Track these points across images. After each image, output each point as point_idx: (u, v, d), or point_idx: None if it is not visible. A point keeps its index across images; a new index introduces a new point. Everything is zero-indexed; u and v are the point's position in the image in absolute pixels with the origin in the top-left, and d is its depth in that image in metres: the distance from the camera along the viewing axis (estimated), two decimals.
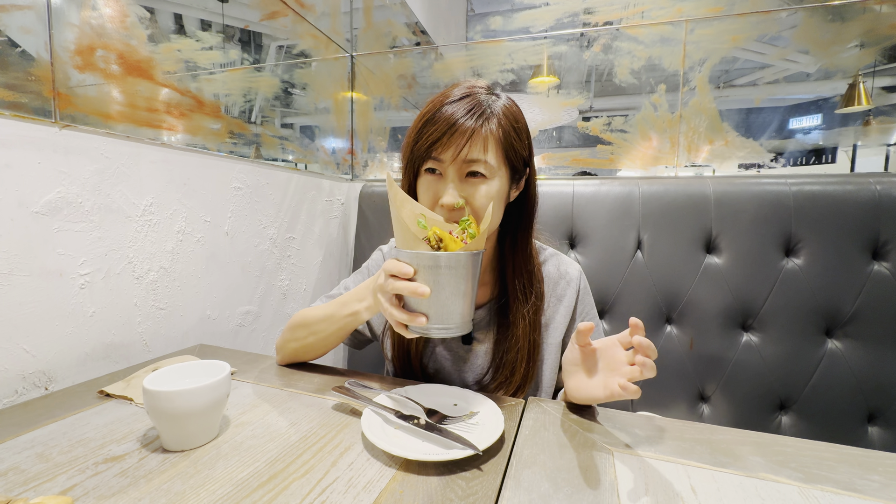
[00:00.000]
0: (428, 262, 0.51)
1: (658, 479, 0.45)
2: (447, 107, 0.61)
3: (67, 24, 0.69)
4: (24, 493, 0.40)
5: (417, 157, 0.63)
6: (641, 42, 1.31)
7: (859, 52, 1.16)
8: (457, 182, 0.61)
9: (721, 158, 1.26)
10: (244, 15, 1.09)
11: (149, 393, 0.46)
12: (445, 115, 0.60)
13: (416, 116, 0.65)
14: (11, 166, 0.61)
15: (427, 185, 0.63)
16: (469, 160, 0.60)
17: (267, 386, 0.67)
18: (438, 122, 0.60)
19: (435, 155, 0.61)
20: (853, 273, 0.92)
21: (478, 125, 0.60)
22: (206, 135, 0.97)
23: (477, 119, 0.60)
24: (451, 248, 0.53)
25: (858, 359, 0.92)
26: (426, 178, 0.64)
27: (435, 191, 0.63)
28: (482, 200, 0.61)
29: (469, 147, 0.59)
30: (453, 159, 0.60)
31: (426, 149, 0.61)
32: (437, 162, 0.62)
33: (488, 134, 0.61)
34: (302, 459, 0.47)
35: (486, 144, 0.60)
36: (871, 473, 0.46)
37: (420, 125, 0.63)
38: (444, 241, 0.54)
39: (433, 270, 0.50)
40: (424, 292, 0.50)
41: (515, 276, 0.70)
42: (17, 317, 0.63)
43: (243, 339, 1.07)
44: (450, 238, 0.54)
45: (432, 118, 0.61)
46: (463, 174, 0.62)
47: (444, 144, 0.60)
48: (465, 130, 0.59)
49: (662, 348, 1.03)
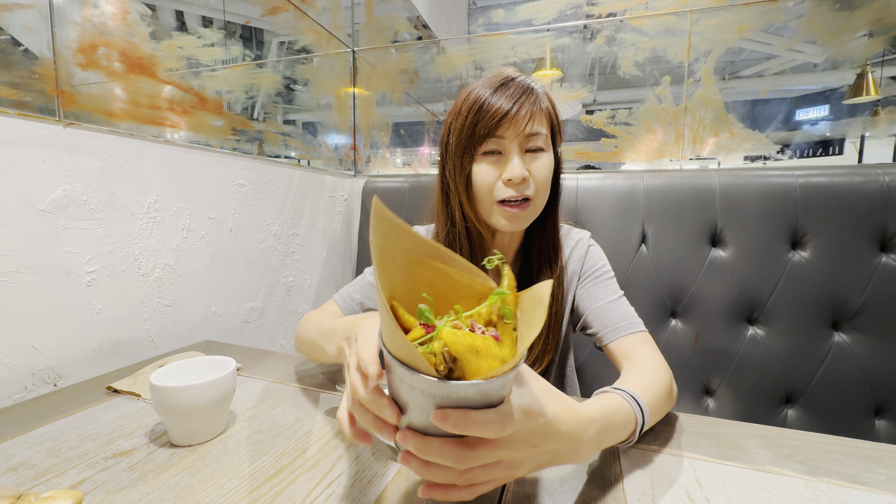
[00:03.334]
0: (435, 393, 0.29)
1: (663, 472, 0.45)
2: (500, 90, 0.63)
3: (69, 22, 0.69)
4: (35, 487, 0.41)
5: (479, 139, 0.63)
6: (646, 33, 1.29)
7: (868, 41, 1.15)
8: (520, 156, 0.63)
9: (726, 151, 1.25)
10: (245, 11, 1.08)
11: (156, 389, 0.46)
12: (503, 96, 0.62)
13: (455, 111, 0.66)
14: (17, 165, 0.62)
15: (487, 165, 0.64)
16: (532, 133, 0.63)
17: (272, 381, 0.67)
18: (497, 104, 0.62)
19: (499, 133, 0.62)
20: (860, 265, 0.91)
21: (533, 102, 0.63)
22: (209, 132, 0.97)
23: (531, 96, 0.63)
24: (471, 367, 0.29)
25: (865, 352, 0.91)
26: (485, 160, 0.64)
27: (496, 169, 0.64)
28: (544, 173, 0.64)
29: (532, 121, 0.62)
30: (517, 135, 0.62)
31: (490, 128, 0.62)
32: (500, 140, 0.63)
33: (545, 110, 0.65)
34: (308, 454, 0.47)
35: (542, 119, 0.64)
36: (878, 466, 0.45)
37: (474, 110, 0.63)
38: (461, 360, 0.29)
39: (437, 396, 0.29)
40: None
41: (542, 251, 0.72)
42: (25, 314, 0.63)
43: (248, 336, 1.08)
44: (467, 348, 0.29)
45: (486, 103, 0.62)
46: (524, 149, 0.64)
47: (508, 122, 0.61)
48: (527, 106, 0.62)
49: (667, 342, 1.03)
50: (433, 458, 0.30)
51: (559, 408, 0.35)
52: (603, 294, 0.69)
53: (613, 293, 0.69)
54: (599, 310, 0.67)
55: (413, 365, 0.28)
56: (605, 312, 0.66)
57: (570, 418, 0.35)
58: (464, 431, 0.28)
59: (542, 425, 0.32)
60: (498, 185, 0.64)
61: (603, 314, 0.66)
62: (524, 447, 0.32)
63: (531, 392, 0.33)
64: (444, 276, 0.36)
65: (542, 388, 0.35)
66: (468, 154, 0.65)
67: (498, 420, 0.29)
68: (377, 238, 0.32)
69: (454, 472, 0.30)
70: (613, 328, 0.64)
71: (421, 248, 0.35)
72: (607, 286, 0.70)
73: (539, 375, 0.36)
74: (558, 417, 0.34)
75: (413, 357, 0.28)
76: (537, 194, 0.65)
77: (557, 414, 0.34)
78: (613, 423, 0.41)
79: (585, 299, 0.70)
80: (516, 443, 0.31)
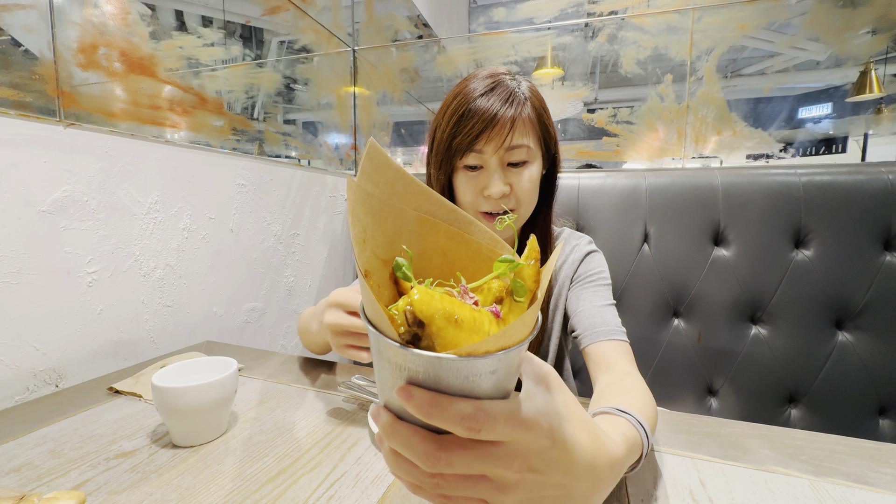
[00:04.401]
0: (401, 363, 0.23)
1: (666, 472, 0.44)
2: (481, 99, 0.60)
3: (69, 23, 0.69)
4: (37, 488, 0.41)
5: (456, 153, 0.61)
6: (647, 31, 1.29)
7: (871, 38, 1.14)
8: (500, 171, 0.61)
9: (729, 149, 1.24)
10: (245, 10, 1.08)
11: (157, 389, 0.46)
12: (482, 106, 0.59)
13: (441, 113, 0.64)
14: (18, 165, 0.62)
15: (467, 180, 0.62)
16: (514, 146, 0.60)
17: (274, 382, 0.67)
18: (476, 115, 0.59)
19: (477, 148, 0.60)
20: (864, 264, 0.91)
21: (516, 112, 0.59)
22: (210, 132, 0.97)
23: (514, 106, 0.59)
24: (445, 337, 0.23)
25: (869, 351, 0.90)
26: (465, 174, 0.63)
27: (477, 185, 0.62)
28: (527, 185, 0.62)
29: (512, 135, 0.59)
30: (497, 149, 0.60)
31: (469, 143, 0.60)
32: (479, 155, 0.61)
33: (526, 119, 0.61)
34: (310, 454, 0.47)
35: (525, 129, 0.61)
36: (883, 466, 0.45)
37: (454, 121, 0.61)
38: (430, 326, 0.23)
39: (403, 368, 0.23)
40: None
41: None
42: (26, 315, 0.63)
43: (249, 336, 1.08)
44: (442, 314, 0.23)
45: (467, 112, 0.60)
46: (505, 163, 0.62)
47: (487, 136, 0.59)
48: (506, 120, 0.59)
49: (670, 342, 1.02)
50: (399, 446, 0.24)
51: (582, 434, 0.27)
52: (592, 298, 0.67)
53: (603, 299, 0.67)
54: (584, 312, 0.66)
55: (376, 324, 0.23)
56: (589, 315, 0.65)
57: (593, 451, 0.27)
58: (427, 416, 0.22)
59: (549, 448, 0.25)
60: (478, 199, 0.62)
61: (586, 317, 0.65)
62: (520, 468, 0.24)
63: (550, 403, 0.26)
64: (461, 243, 0.30)
65: (566, 403, 0.27)
66: (445, 167, 0.63)
67: (472, 415, 0.22)
68: (375, 186, 0.27)
69: (421, 473, 0.24)
70: (594, 331, 0.62)
71: (436, 210, 0.29)
72: (598, 291, 0.68)
73: (568, 389, 0.28)
74: (578, 446, 0.26)
75: (377, 315, 0.23)
76: (520, 205, 0.63)
77: (578, 441, 0.26)
78: (631, 459, 0.35)
79: (573, 301, 0.69)
80: (509, 459, 0.24)
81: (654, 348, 1.03)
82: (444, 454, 0.23)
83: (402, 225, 0.29)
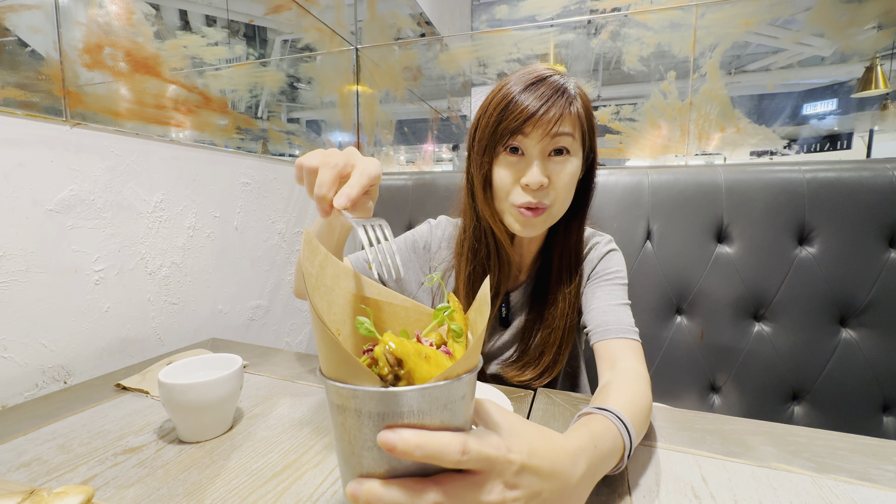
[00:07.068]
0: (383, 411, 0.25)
1: (668, 469, 0.45)
2: (531, 87, 0.60)
3: (75, 23, 0.69)
4: (47, 482, 0.41)
5: (502, 137, 0.61)
6: (650, 28, 1.28)
7: (877, 33, 1.13)
8: (541, 160, 0.61)
9: (733, 146, 1.24)
10: (249, 9, 1.08)
11: (164, 386, 0.47)
12: (532, 94, 0.60)
13: (486, 104, 0.64)
14: (25, 165, 0.62)
15: (508, 165, 0.62)
16: (560, 133, 0.60)
17: (279, 378, 0.68)
18: (523, 103, 0.59)
19: (526, 131, 0.60)
20: (869, 261, 0.90)
21: (566, 103, 0.60)
22: (214, 131, 0.98)
23: (565, 97, 0.60)
24: (420, 372, 0.27)
25: (873, 348, 0.90)
26: (506, 159, 0.63)
27: (516, 171, 0.62)
28: (566, 179, 0.62)
29: (560, 122, 0.59)
30: (543, 135, 0.60)
31: (516, 127, 0.60)
32: (524, 138, 0.61)
33: (574, 112, 0.61)
34: (315, 450, 0.48)
35: (572, 122, 0.61)
36: (886, 463, 0.45)
37: (502, 106, 0.61)
38: (408, 364, 0.27)
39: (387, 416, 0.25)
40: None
41: (563, 258, 0.70)
42: (35, 313, 0.64)
43: (254, 333, 1.08)
44: (414, 352, 0.27)
45: (514, 101, 0.60)
46: (547, 152, 0.61)
47: (534, 122, 0.59)
48: (556, 108, 0.59)
49: (673, 339, 1.02)
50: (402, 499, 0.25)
51: (536, 442, 0.31)
52: (606, 296, 0.67)
53: (618, 298, 0.67)
54: (598, 309, 0.66)
55: (354, 377, 0.25)
56: (602, 313, 0.65)
57: (550, 453, 0.31)
58: (417, 450, 0.24)
59: (511, 462, 0.28)
60: (516, 189, 0.62)
61: (599, 314, 0.65)
62: (496, 489, 0.27)
63: (499, 424, 0.30)
64: (389, 312, 0.37)
65: (512, 422, 0.31)
66: (489, 152, 0.63)
67: (458, 440, 0.25)
68: (311, 267, 0.32)
69: None
70: (605, 329, 0.62)
71: (360, 288, 0.36)
72: (613, 290, 0.68)
73: (508, 410, 0.32)
74: (535, 453, 0.30)
75: (352, 367, 0.25)
76: (555, 202, 0.63)
77: (534, 449, 0.30)
78: (602, 451, 0.37)
79: (588, 298, 0.69)
80: (489, 484, 0.27)
81: (657, 345, 1.03)
82: (435, 487, 0.26)
83: (332, 299, 0.34)
